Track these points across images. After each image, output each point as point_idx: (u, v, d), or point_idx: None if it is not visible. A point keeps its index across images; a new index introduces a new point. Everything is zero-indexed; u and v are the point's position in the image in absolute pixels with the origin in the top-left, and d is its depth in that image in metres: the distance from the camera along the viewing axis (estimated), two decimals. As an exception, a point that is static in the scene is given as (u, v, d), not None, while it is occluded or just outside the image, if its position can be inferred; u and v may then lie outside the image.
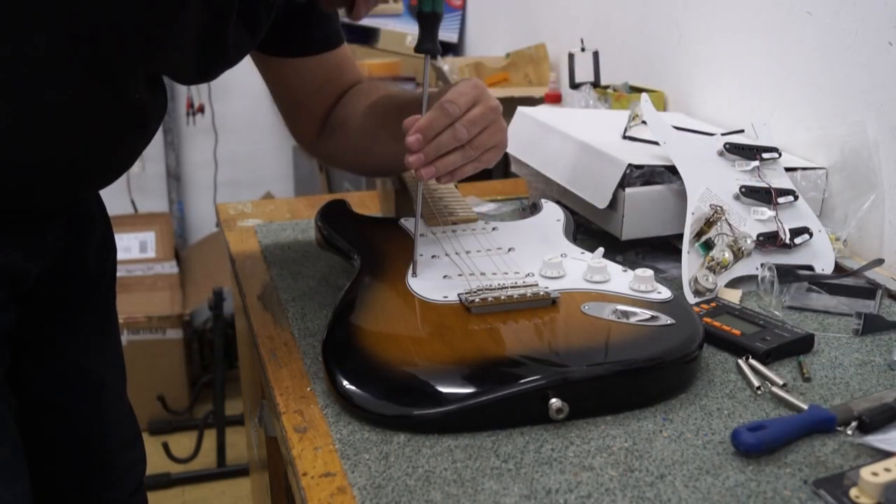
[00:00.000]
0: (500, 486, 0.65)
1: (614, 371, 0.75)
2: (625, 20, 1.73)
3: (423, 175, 0.85)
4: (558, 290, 0.84)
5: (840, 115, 1.18)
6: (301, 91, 1.05)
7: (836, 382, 0.81)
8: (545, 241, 0.98)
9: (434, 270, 0.90)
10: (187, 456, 2.38)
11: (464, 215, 1.02)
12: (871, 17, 1.11)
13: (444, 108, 0.84)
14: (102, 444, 1.03)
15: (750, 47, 1.36)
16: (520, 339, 0.78)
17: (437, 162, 0.85)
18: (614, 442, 0.71)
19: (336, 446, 0.70)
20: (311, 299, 0.99)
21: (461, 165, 0.86)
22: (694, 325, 0.80)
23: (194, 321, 2.63)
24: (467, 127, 0.85)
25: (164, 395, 2.53)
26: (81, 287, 0.99)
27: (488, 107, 0.86)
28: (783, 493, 0.65)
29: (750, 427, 0.70)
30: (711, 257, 0.98)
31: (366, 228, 1.03)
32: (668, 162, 1.08)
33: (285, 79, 1.04)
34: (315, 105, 1.07)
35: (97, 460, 1.02)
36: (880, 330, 0.91)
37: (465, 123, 0.84)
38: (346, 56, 1.06)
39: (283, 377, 0.82)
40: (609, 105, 1.57)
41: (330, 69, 1.05)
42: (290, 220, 1.29)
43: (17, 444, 0.85)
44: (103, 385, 1.03)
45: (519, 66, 2.16)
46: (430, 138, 0.84)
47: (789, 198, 1.07)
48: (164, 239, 2.78)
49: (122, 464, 1.06)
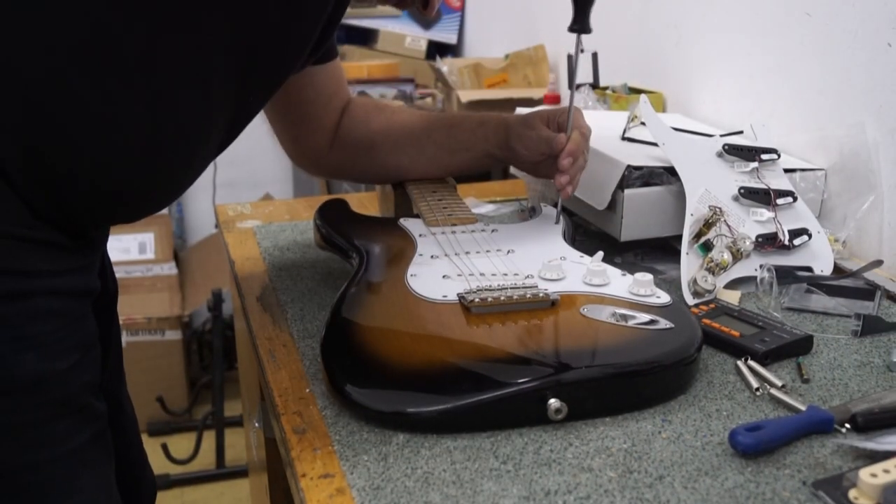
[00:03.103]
0: (498, 488, 0.65)
1: (612, 373, 0.75)
2: (624, 21, 1.73)
3: (567, 193, 0.99)
4: (558, 292, 0.84)
5: (839, 117, 1.18)
6: (314, 103, 1.07)
7: (834, 384, 0.81)
8: (544, 244, 0.98)
9: (433, 270, 0.90)
10: (186, 457, 2.38)
11: (463, 216, 1.02)
12: (870, 18, 1.11)
13: (584, 135, 1.01)
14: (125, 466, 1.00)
15: (749, 48, 1.36)
16: (519, 339, 0.79)
17: (574, 179, 1.00)
18: (613, 443, 0.71)
19: (335, 447, 0.70)
20: (310, 300, 0.99)
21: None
22: (692, 330, 0.81)
23: (193, 322, 2.63)
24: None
25: (163, 396, 2.53)
26: (107, 305, 0.95)
27: (588, 129, 1.03)
28: (782, 494, 0.65)
29: (747, 427, 0.70)
30: (710, 258, 0.98)
31: (365, 228, 1.03)
32: (667, 163, 1.08)
33: (301, 91, 1.05)
34: (326, 117, 1.09)
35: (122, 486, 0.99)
36: (879, 331, 0.91)
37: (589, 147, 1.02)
38: (340, 65, 1.11)
39: (282, 378, 0.82)
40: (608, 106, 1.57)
41: (336, 80, 1.09)
42: (289, 222, 1.29)
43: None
44: (124, 410, 1.01)
45: (518, 67, 2.16)
46: (576, 161, 0.99)
47: (788, 199, 1.07)
48: (163, 240, 2.77)
49: (139, 487, 1.04)
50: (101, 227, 0.81)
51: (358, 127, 1.10)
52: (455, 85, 2.09)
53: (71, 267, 0.75)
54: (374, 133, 1.10)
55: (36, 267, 0.71)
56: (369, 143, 1.10)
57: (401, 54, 2.68)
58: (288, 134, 1.11)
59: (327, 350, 0.79)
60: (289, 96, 1.04)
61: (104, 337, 0.94)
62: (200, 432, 2.41)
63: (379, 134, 1.10)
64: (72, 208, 0.73)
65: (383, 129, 1.11)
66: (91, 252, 0.79)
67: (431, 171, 1.12)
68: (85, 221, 0.75)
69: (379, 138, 1.10)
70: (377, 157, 1.11)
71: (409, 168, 1.11)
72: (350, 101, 1.12)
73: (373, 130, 1.10)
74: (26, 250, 0.70)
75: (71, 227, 0.74)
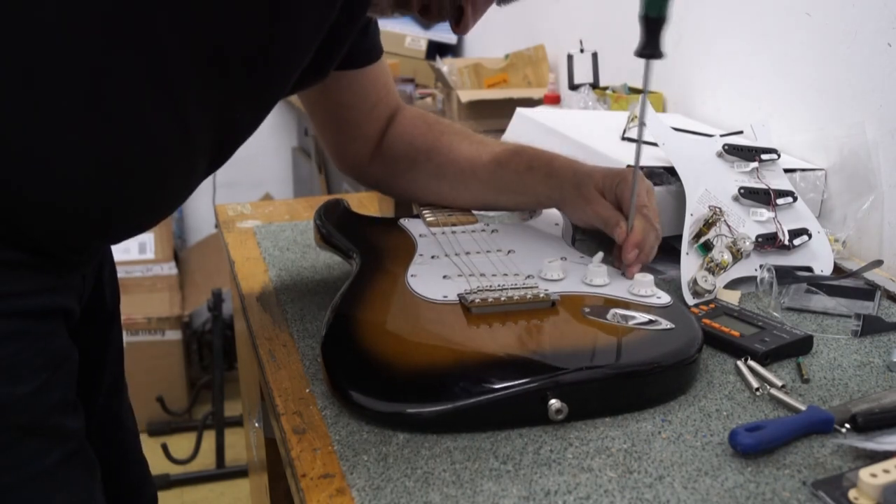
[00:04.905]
0: (498, 488, 0.65)
1: (612, 374, 0.75)
2: (624, 21, 1.73)
3: (632, 274, 0.89)
4: (558, 293, 0.84)
5: (839, 117, 1.18)
6: (353, 108, 1.01)
7: (834, 384, 0.81)
8: (545, 244, 0.98)
9: (434, 270, 0.90)
10: (186, 457, 2.38)
11: (463, 216, 1.02)
12: (870, 18, 1.11)
13: (649, 219, 0.92)
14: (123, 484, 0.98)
15: (749, 48, 1.36)
16: (519, 340, 0.79)
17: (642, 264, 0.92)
18: (613, 443, 0.71)
19: (335, 447, 0.70)
20: (310, 300, 0.99)
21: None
22: (693, 331, 0.81)
23: (193, 322, 2.63)
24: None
25: (163, 396, 2.53)
26: (102, 325, 0.94)
27: (655, 210, 0.94)
28: (782, 494, 0.65)
29: (747, 427, 0.70)
30: (710, 258, 0.98)
31: (365, 227, 1.03)
32: (666, 163, 1.08)
33: (339, 93, 0.98)
34: (369, 125, 1.02)
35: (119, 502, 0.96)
36: (879, 331, 0.91)
37: (658, 223, 0.93)
38: (388, 70, 1.04)
39: (281, 378, 0.82)
40: (608, 106, 1.57)
41: (381, 85, 1.01)
42: (289, 222, 1.29)
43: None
44: (123, 426, 0.99)
45: (518, 67, 2.16)
46: (642, 251, 0.91)
47: (788, 199, 1.07)
48: (162, 240, 2.78)
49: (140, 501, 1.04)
50: (79, 249, 0.77)
51: (400, 141, 1.03)
52: (455, 85, 2.09)
53: (36, 287, 0.71)
54: (417, 151, 1.03)
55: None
56: (410, 160, 1.03)
57: (401, 54, 2.68)
58: (327, 138, 1.05)
59: (327, 350, 0.79)
60: (328, 98, 0.98)
61: (98, 356, 0.92)
62: (200, 432, 2.41)
63: (422, 153, 1.03)
64: (32, 230, 0.69)
65: (427, 148, 1.03)
66: (66, 272, 0.75)
67: (477, 205, 1.04)
68: (52, 243, 0.71)
69: (421, 158, 1.03)
70: (418, 179, 1.04)
71: (452, 197, 1.04)
72: (399, 111, 1.05)
73: (416, 148, 1.03)
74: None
75: (34, 246, 0.70)
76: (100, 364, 0.94)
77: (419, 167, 1.03)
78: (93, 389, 0.91)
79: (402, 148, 1.03)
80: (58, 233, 0.71)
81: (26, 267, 0.70)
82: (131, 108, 0.68)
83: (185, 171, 0.76)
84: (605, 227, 0.93)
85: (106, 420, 0.94)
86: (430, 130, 1.04)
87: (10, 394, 0.68)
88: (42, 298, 0.71)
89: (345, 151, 1.05)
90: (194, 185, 0.79)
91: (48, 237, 0.71)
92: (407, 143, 1.03)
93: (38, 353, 0.71)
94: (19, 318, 0.69)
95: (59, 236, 0.72)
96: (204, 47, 0.69)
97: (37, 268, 0.71)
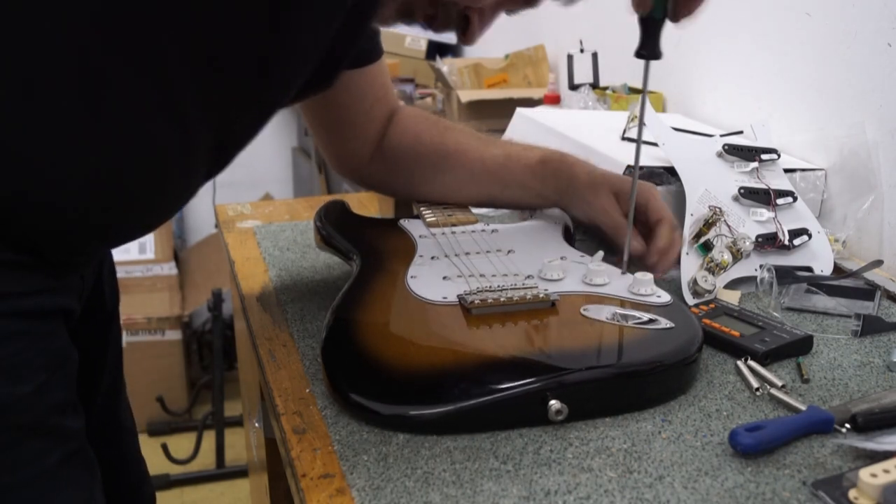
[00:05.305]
0: (498, 488, 0.65)
1: (613, 374, 0.75)
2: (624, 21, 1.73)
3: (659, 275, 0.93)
4: (558, 293, 0.84)
5: (839, 117, 1.18)
6: (350, 108, 1.00)
7: (834, 384, 0.81)
8: (544, 244, 0.98)
9: (434, 271, 0.90)
10: (186, 457, 2.38)
11: (463, 216, 1.02)
12: (870, 18, 1.11)
13: (674, 230, 0.96)
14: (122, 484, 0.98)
15: (749, 48, 1.36)
16: (519, 340, 0.79)
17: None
18: (613, 443, 0.71)
19: (335, 447, 0.70)
20: (310, 300, 0.99)
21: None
22: (693, 330, 0.80)
23: (193, 322, 2.63)
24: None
25: (163, 396, 2.53)
26: (101, 325, 0.93)
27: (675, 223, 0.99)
28: (782, 494, 0.65)
29: (747, 427, 0.70)
30: (710, 258, 0.98)
31: (365, 228, 1.03)
32: (666, 163, 1.08)
33: (336, 93, 0.95)
34: (367, 125, 1.02)
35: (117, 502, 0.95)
36: (879, 331, 0.91)
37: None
38: (386, 70, 1.03)
39: (281, 378, 0.82)
40: (608, 106, 1.57)
41: (378, 85, 1.01)
42: (289, 222, 1.29)
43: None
44: (121, 425, 0.99)
45: (518, 67, 2.16)
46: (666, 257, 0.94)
47: (788, 199, 1.07)
48: (162, 240, 2.78)
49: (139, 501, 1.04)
50: (79, 251, 0.76)
51: (404, 138, 1.03)
52: (455, 85, 2.09)
53: (36, 288, 0.71)
54: (423, 146, 1.03)
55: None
56: (415, 156, 1.03)
57: (401, 54, 2.68)
58: (323, 139, 1.04)
59: (328, 352, 0.79)
60: (325, 98, 0.96)
61: (97, 356, 0.92)
62: (200, 432, 2.41)
63: (428, 147, 1.03)
64: (31, 232, 0.69)
65: (434, 142, 1.03)
66: (66, 273, 0.75)
67: (481, 200, 1.05)
68: (51, 245, 0.71)
69: (428, 152, 1.03)
70: (424, 174, 1.04)
71: (457, 191, 1.04)
72: (398, 111, 1.04)
73: (422, 142, 1.03)
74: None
75: (34, 248, 0.70)
76: (99, 364, 0.94)
77: (425, 162, 1.03)
78: (92, 389, 0.91)
79: (407, 144, 1.03)
80: (57, 235, 0.71)
81: (26, 267, 0.70)
82: (130, 112, 0.68)
83: (185, 176, 0.76)
84: (613, 231, 0.95)
85: (105, 420, 0.94)
86: (435, 126, 1.05)
87: (10, 394, 0.68)
88: (42, 298, 0.71)
89: (342, 152, 1.05)
90: (193, 190, 0.79)
91: (47, 239, 0.71)
92: (412, 139, 1.03)
93: (38, 353, 0.71)
94: (19, 318, 0.69)
95: (58, 239, 0.71)
96: (203, 54, 0.68)
97: (37, 268, 0.71)
